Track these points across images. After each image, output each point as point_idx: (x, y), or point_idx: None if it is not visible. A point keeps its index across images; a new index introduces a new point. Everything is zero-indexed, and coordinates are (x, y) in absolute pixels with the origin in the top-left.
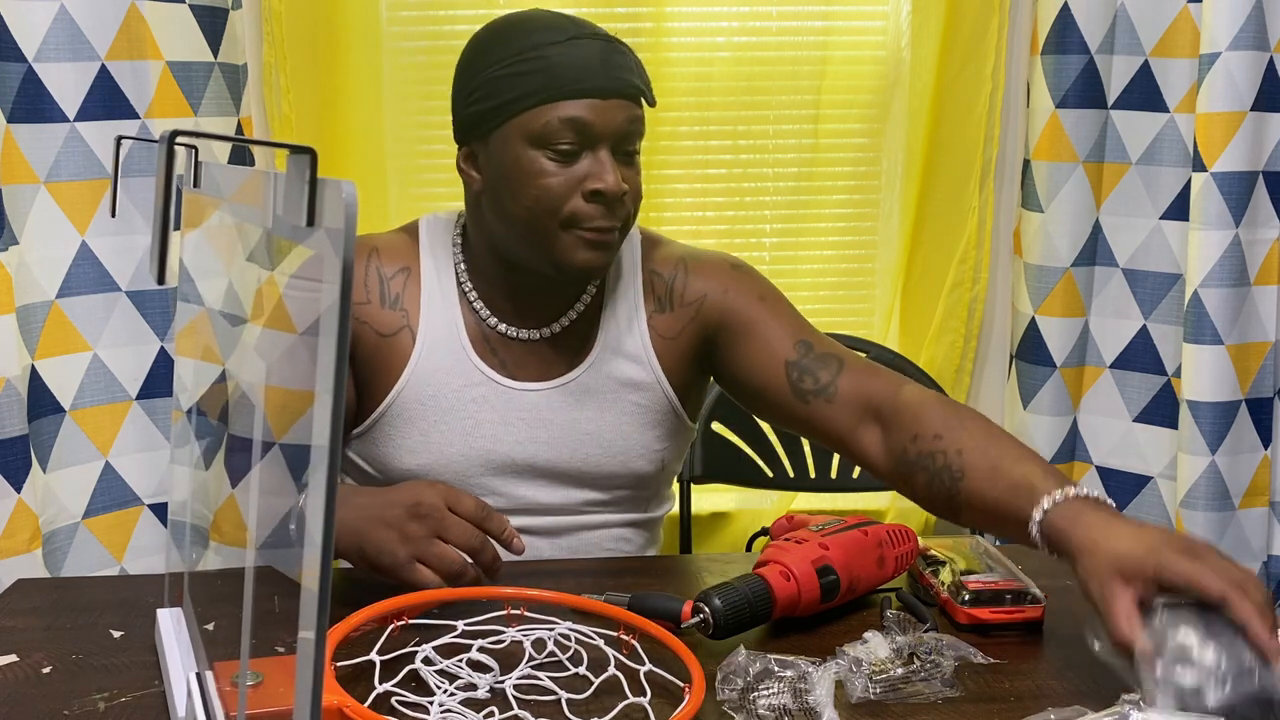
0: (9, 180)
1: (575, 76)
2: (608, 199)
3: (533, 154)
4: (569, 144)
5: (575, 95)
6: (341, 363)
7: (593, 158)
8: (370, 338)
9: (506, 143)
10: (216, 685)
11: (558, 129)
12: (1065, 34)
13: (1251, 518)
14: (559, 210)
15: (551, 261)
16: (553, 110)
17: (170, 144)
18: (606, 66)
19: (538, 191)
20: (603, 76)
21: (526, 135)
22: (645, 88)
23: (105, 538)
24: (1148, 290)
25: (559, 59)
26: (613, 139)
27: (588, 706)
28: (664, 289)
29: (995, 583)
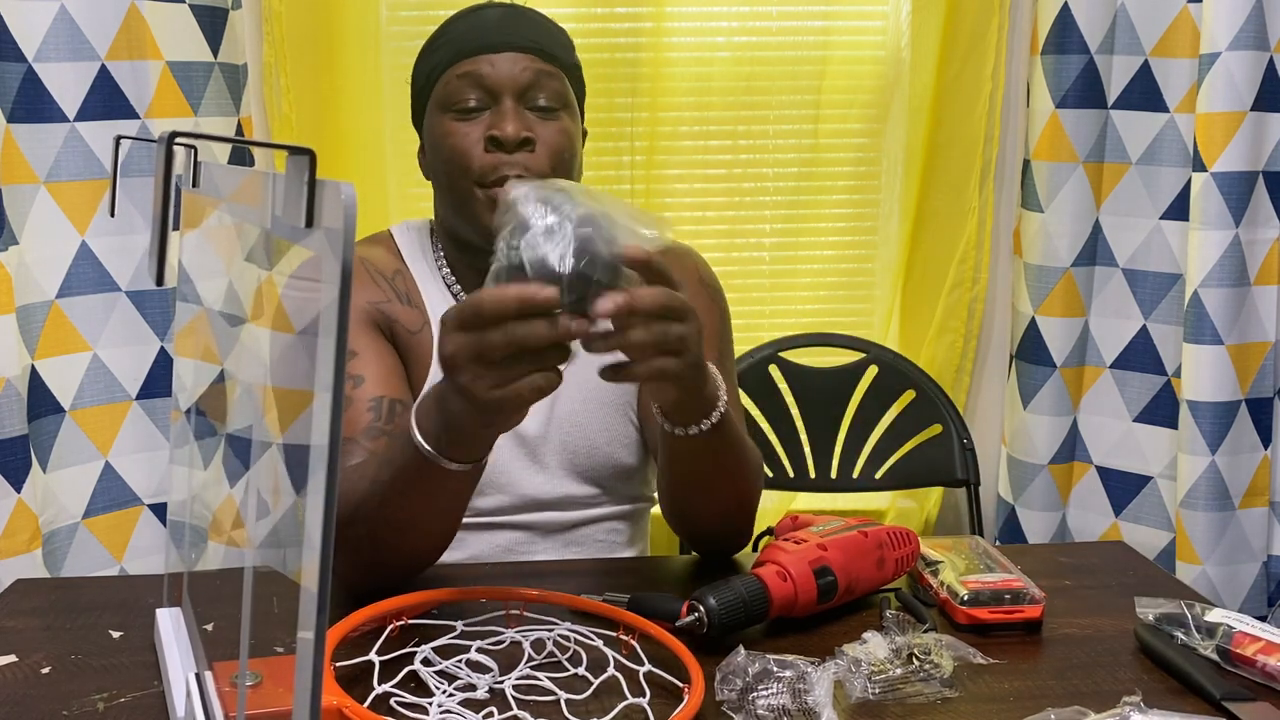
0: (9, 180)
1: (471, 39)
2: (505, 145)
3: (441, 118)
4: (472, 100)
5: (471, 54)
6: (341, 363)
7: (495, 111)
8: (403, 335)
9: (430, 120)
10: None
11: (456, 88)
12: (1065, 34)
13: (1251, 518)
14: (469, 167)
15: (473, 226)
16: (452, 72)
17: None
18: (501, 24)
19: (447, 152)
20: (496, 33)
21: (437, 103)
22: (553, 45)
23: (105, 538)
24: (1148, 290)
25: (458, 29)
26: (513, 90)
27: (587, 707)
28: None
29: (994, 583)
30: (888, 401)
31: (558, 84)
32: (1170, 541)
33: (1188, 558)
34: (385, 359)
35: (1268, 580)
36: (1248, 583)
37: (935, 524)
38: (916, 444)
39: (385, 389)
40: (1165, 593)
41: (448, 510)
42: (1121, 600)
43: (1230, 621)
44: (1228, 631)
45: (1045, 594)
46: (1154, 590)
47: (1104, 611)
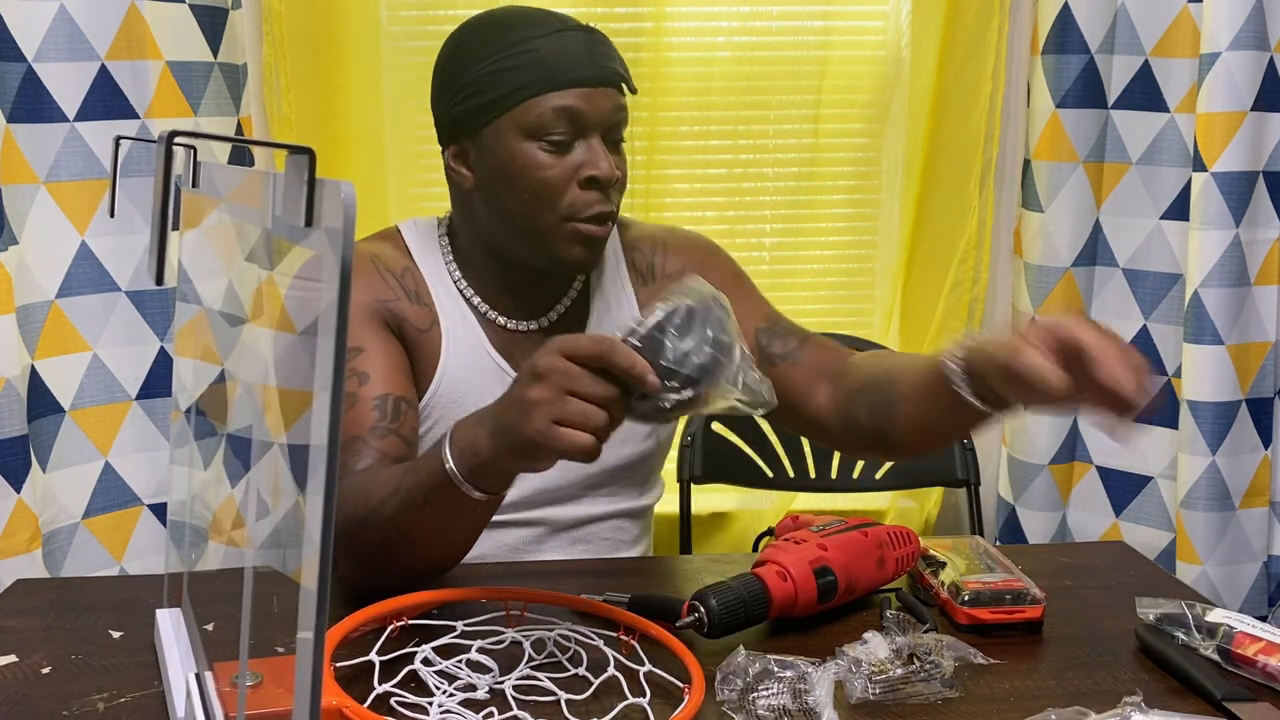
0: (9, 180)
1: (565, 67)
2: (603, 185)
3: (527, 146)
4: (562, 134)
5: (566, 85)
6: (340, 363)
7: (585, 146)
8: (412, 333)
9: (500, 138)
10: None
11: (551, 120)
12: (1065, 34)
13: (1252, 518)
14: (557, 201)
15: (550, 256)
16: (545, 101)
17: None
18: (593, 56)
19: (535, 184)
20: (590, 66)
21: (520, 128)
22: (627, 75)
23: (105, 538)
24: (1148, 290)
25: (547, 51)
26: (603, 127)
27: (587, 707)
28: (645, 264)
29: (995, 583)
30: None
31: (627, 115)
32: (1170, 541)
33: (1188, 558)
34: (392, 356)
35: (1268, 580)
36: (1248, 583)
37: (935, 524)
38: None
39: (391, 387)
40: (1165, 593)
41: (461, 533)
42: (1121, 600)
43: (1231, 622)
44: (1228, 632)
45: (1045, 594)
46: (1154, 590)
47: (1104, 611)
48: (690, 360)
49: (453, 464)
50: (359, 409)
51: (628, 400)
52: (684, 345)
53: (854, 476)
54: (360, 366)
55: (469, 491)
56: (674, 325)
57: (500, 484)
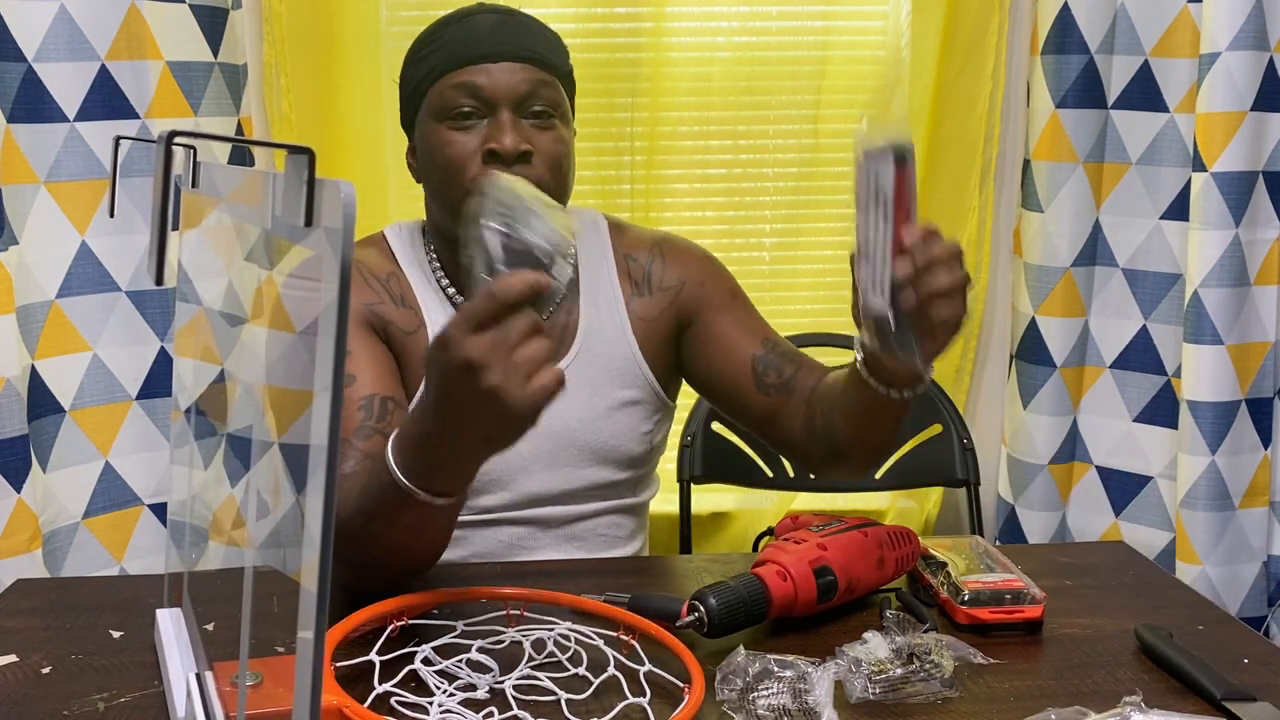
0: (9, 180)
1: (465, 46)
2: (504, 158)
3: (436, 127)
4: (468, 109)
5: (466, 63)
6: (340, 362)
7: (492, 122)
8: (398, 336)
9: (423, 126)
10: (216, 685)
11: (452, 97)
12: (1065, 34)
13: (1252, 518)
14: (463, 177)
15: None
16: (447, 81)
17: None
18: (496, 32)
19: (443, 162)
20: (491, 42)
21: (431, 111)
22: (548, 52)
23: (105, 538)
24: (1148, 290)
25: (454, 34)
26: (510, 100)
27: (587, 707)
28: (640, 273)
29: (995, 583)
30: None
31: (553, 92)
32: (1170, 541)
33: (1188, 558)
34: (379, 358)
35: (1268, 580)
36: (1248, 583)
37: (935, 524)
38: (916, 444)
39: (377, 387)
40: (1165, 593)
41: (434, 534)
42: (1121, 600)
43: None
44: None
45: (1045, 594)
46: (1154, 590)
47: (1104, 611)
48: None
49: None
50: (345, 410)
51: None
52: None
53: None
54: (347, 369)
55: (424, 498)
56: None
57: (457, 484)
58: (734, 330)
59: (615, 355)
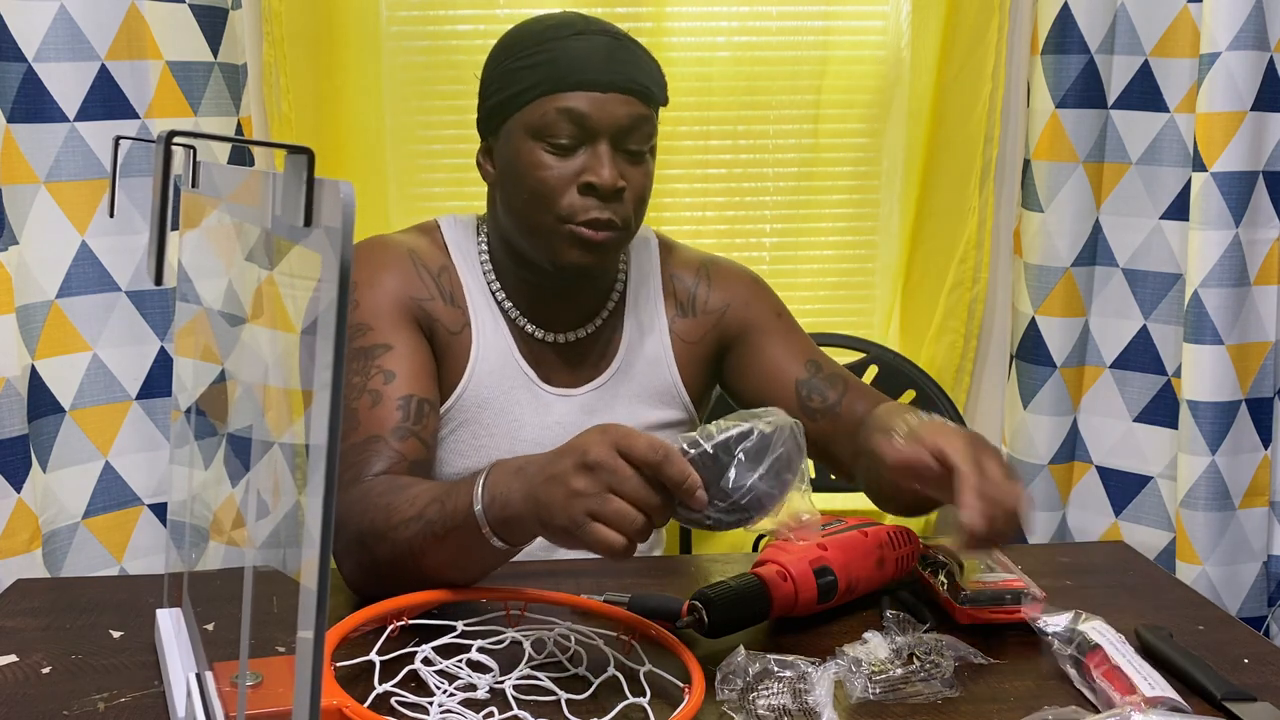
0: (9, 180)
1: (575, 69)
2: (601, 193)
3: (532, 145)
4: (567, 137)
5: (574, 87)
6: (340, 362)
7: (590, 152)
8: (443, 335)
9: (511, 136)
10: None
11: (555, 121)
12: (1065, 34)
13: (1252, 518)
14: (555, 204)
15: (548, 257)
16: (551, 102)
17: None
18: (609, 61)
19: (534, 184)
20: (602, 70)
21: (527, 128)
22: (654, 86)
23: (105, 538)
24: (1148, 290)
25: (562, 53)
26: (611, 133)
27: (587, 707)
28: (686, 295)
29: (995, 583)
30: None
31: (650, 127)
32: (1170, 541)
33: (1188, 558)
34: (419, 356)
35: (1268, 580)
36: (1248, 583)
37: (935, 524)
38: None
39: (415, 388)
40: (1166, 593)
41: (476, 568)
42: (1121, 600)
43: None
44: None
45: (1045, 594)
46: (1154, 590)
47: (1104, 611)
48: (749, 491)
49: (481, 509)
50: (383, 408)
51: (672, 502)
52: (747, 476)
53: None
54: (387, 364)
55: (491, 539)
56: (743, 450)
57: (524, 541)
58: (778, 354)
59: (654, 376)
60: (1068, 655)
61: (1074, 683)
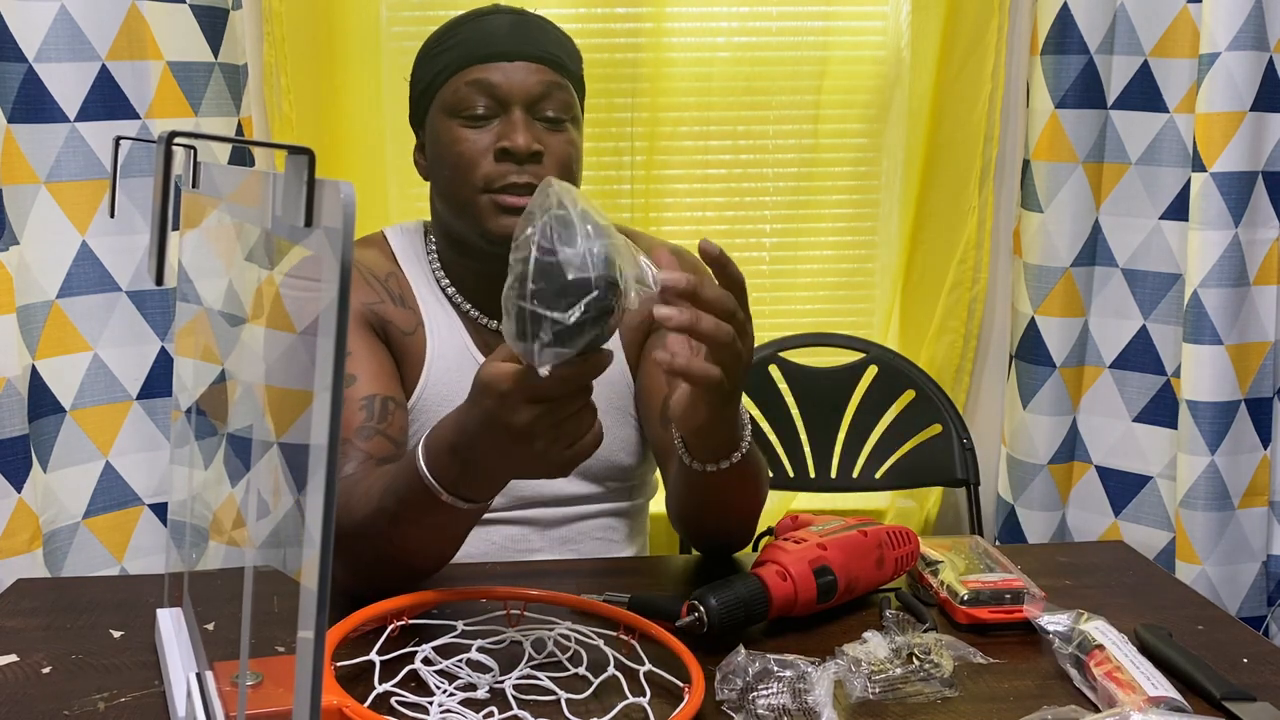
0: (9, 180)
1: (482, 44)
2: (517, 157)
3: (449, 123)
4: (481, 108)
5: (482, 60)
6: (340, 362)
7: (505, 120)
8: (397, 336)
9: (434, 122)
10: (216, 685)
11: (466, 94)
12: (1065, 34)
13: (1251, 518)
14: (473, 174)
15: (475, 230)
16: (462, 78)
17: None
18: (513, 32)
19: (454, 158)
20: (508, 41)
21: (444, 107)
22: (564, 56)
23: (105, 538)
24: (1147, 290)
25: (467, 33)
26: (524, 100)
27: (587, 706)
28: None
29: (994, 582)
30: (888, 401)
31: (566, 95)
32: (1170, 541)
33: (1187, 558)
34: (378, 358)
35: (1267, 580)
36: (1247, 583)
37: (935, 524)
38: (916, 444)
39: (377, 387)
40: (1165, 593)
41: (453, 536)
42: (1121, 600)
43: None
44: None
45: (1045, 594)
46: (1154, 590)
47: (1104, 611)
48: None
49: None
50: (346, 411)
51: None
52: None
53: (854, 476)
54: (347, 369)
55: (460, 505)
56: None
57: (491, 494)
58: None
59: None
60: (1068, 654)
61: (1074, 682)
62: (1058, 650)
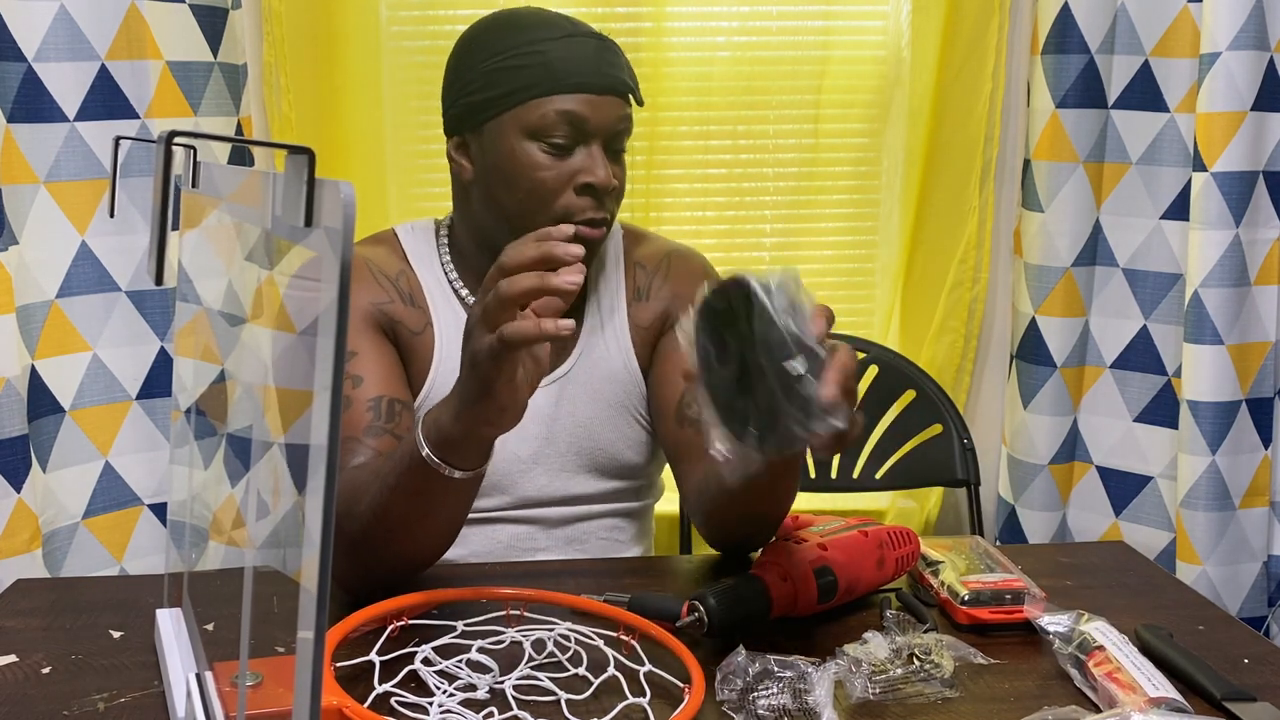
0: (9, 180)
1: (571, 71)
2: (598, 193)
3: (527, 146)
4: (563, 137)
5: (571, 90)
6: (340, 362)
7: (585, 152)
8: (405, 336)
9: (502, 134)
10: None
11: (554, 122)
12: (1065, 34)
13: (1251, 518)
14: (551, 203)
15: None
16: (549, 103)
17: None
18: (600, 63)
19: (531, 184)
20: (597, 73)
21: (522, 127)
22: (635, 87)
23: (105, 538)
24: (1148, 290)
25: (556, 54)
26: (605, 135)
27: (587, 707)
28: (645, 281)
29: (995, 583)
30: (888, 401)
31: (631, 127)
32: (1170, 541)
33: (1188, 558)
34: (385, 359)
35: (1268, 580)
36: (1248, 583)
37: (935, 524)
38: (916, 444)
39: (384, 388)
40: (1166, 593)
41: (441, 518)
42: (1121, 600)
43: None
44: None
45: (1045, 594)
46: (1154, 590)
47: (1104, 611)
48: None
49: (425, 446)
50: (353, 411)
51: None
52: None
53: (854, 476)
54: (354, 370)
55: (443, 469)
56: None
57: (473, 457)
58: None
59: (614, 362)
60: (1069, 655)
61: (1075, 683)
62: (1058, 651)
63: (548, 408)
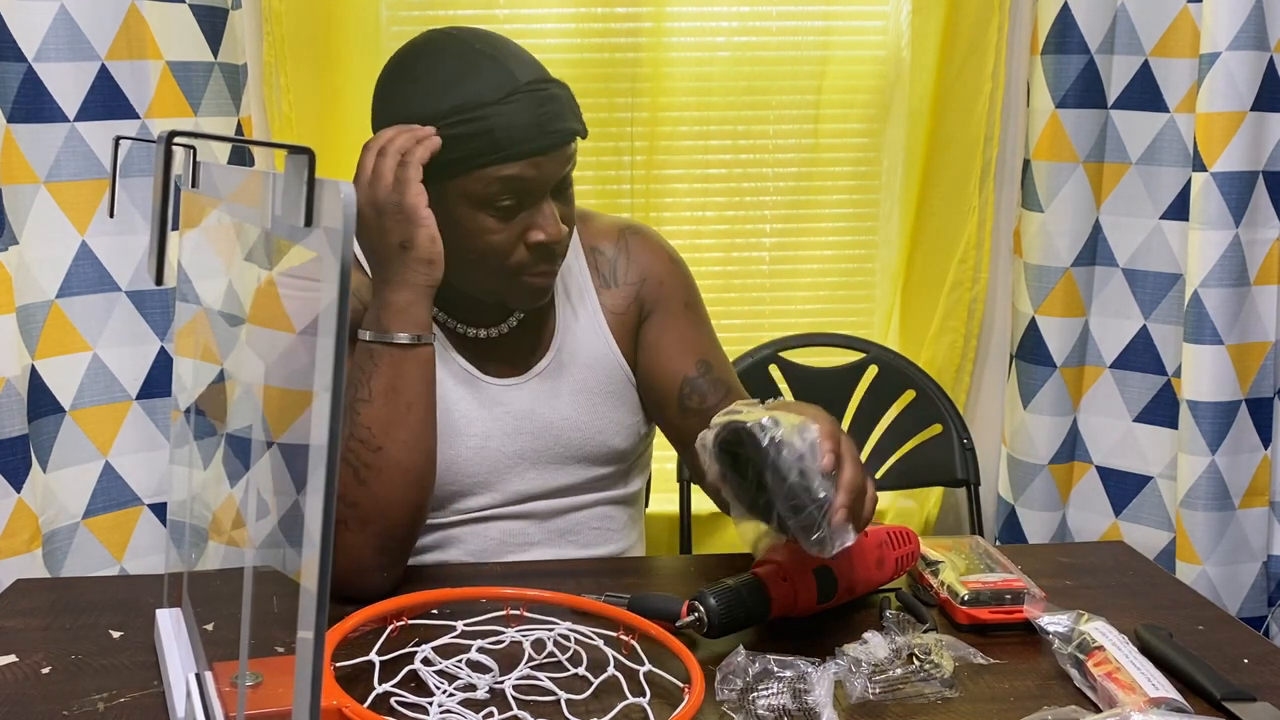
0: (9, 180)
1: (514, 140)
2: (549, 247)
3: (474, 214)
4: (510, 200)
5: (515, 158)
6: (340, 362)
7: (535, 210)
8: None
9: (446, 199)
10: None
11: (499, 191)
12: (1065, 34)
13: (1251, 518)
14: (505, 262)
15: (497, 300)
16: (493, 173)
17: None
18: (543, 122)
19: (483, 247)
20: (540, 136)
21: (468, 197)
22: (579, 125)
23: (105, 538)
24: (1148, 290)
25: (497, 122)
26: (553, 187)
27: (587, 707)
28: (608, 266)
29: (995, 583)
30: (888, 401)
31: (575, 157)
32: (1170, 541)
33: (1188, 558)
34: None
35: (1268, 580)
36: (1248, 583)
37: (935, 524)
38: (916, 444)
39: None
40: (1165, 593)
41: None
42: (1121, 600)
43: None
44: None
45: (1045, 594)
46: (1154, 590)
47: (1104, 611)
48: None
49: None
50: None
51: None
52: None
53: None
54: None
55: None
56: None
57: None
58: (675, 343)
59: (593, 350)
60: (1068, 655)
61: (1074, 683)
62: (1058, 651)
63: (531, 403)
